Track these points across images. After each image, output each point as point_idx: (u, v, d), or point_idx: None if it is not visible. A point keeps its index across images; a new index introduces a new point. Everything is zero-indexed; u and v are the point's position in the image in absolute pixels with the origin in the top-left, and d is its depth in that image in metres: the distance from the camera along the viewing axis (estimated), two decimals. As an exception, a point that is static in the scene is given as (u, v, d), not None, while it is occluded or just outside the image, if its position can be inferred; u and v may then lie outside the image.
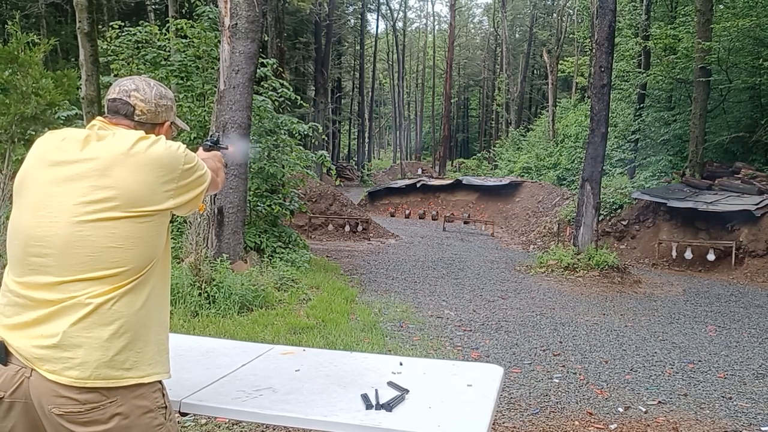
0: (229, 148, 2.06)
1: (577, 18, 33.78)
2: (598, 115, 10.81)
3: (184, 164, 1.62)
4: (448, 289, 8.72)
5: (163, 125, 1.77)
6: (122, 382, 1.49)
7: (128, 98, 1.69)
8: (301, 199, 11.73)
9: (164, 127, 1.78)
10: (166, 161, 1.59)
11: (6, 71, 7.65)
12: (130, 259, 1.53)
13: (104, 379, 1.47)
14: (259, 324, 5.82)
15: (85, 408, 1.46)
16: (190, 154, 1.67)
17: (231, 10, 7.55)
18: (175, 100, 1.86)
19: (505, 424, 3.86)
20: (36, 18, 19.71)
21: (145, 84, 1.74)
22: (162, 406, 1.58)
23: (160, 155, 1.58)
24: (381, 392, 1.95)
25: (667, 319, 7.32)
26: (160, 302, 1.63)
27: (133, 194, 1.52)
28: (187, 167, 1.63)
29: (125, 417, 1.48)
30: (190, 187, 1.65)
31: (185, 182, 1.63)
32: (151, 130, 1.71)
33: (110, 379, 1.47)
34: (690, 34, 16.31)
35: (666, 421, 4.00)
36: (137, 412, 1.51)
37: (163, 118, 1.76)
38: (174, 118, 1.83)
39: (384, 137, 69.72)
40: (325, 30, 30.77)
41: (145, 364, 1.54)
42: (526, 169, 25.28)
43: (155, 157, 1.57)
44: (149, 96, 1.72)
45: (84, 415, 1.46)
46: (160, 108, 1.74)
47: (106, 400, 1.47)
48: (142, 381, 1.52)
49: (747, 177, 13.45)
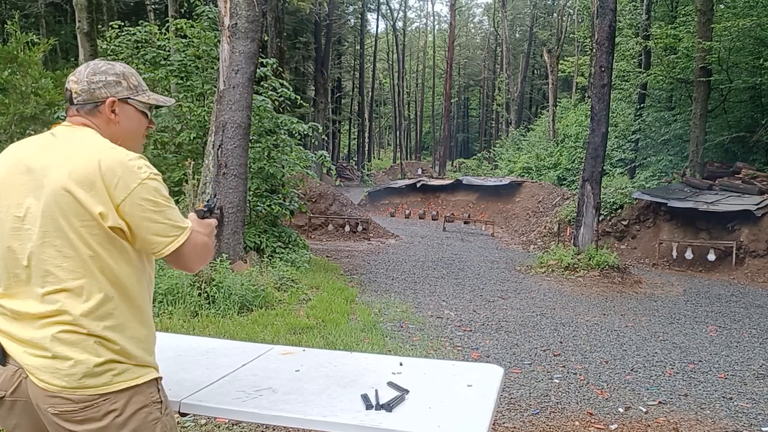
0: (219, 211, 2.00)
1: (578, 18, 33.79)
2: (599, 115, 10.81)
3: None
4: (448, 290, 8.71)
5: (104, 103, 1.62)
6: (113, 387, 1.50)
7: (67, 85, 1.65)
8: (301, 199, 11.73)
9: (107, 105, 1.63)
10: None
11: (6, 71, 7.65)
12: (94, 270, 1.52)
13: (92, 387, 1.48)
14: (259, 324, 5.81)
15: (78, 407, 1.48)
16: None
17: (231, 9, 7.55)
18: (130, 75, 1.68)
19: (505, 424, 3.85)
20: (36, 18, 19.72)
21: (84, 66, 1.66)
22: (157, 400, 1.59)
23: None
24: (381, 392, 1.95)
25: (668, 320, 7.31)
26: (140, 306, 1.59)
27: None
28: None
29: (119, 413, 1.50)
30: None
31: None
32: (96, 111, 1.62)
33: (99, 387, 1.48)
34: (690, 34, 16.31)
35: (666, 422, 4.00)
36: (132, 408, 1.52)
37: (102, 95, 1.62)
38: (125, 94, 1.66)
39: (384, 137, 69.74)
40: (325, 30, 30.78)
41: (135, 366, 1.54)
42: (526, 169, 25.27)
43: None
44: (81, 76, 1.63)
45: (78, 413, 1.48)
46: (94, 85, 1.62)
47: (100, 398, 1.48)
48: (135, 383, 1.53)
49: (747, 177, 13.45)
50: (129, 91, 1.66)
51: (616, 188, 15.45)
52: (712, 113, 16.72)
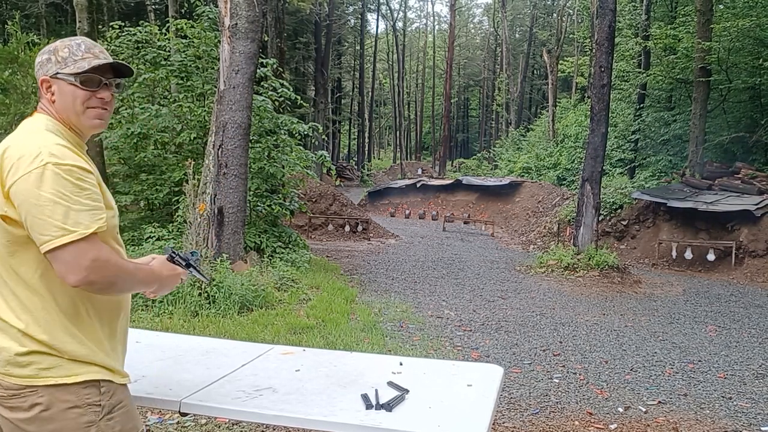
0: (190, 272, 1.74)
1: (577, 18, 33.79)
2: (598, 115, 10.81)
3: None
4: (448, 289, 8.72)
5: (42, 84, 1.58)
6: (38, 381, 1.46)
7: None
8: (301, 199, 11.74)
9: (40, 84, 1.58)
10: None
11: (6, 71, 7.66)
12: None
13: (17, 377, 1.47)
14: (259, 324, 5.82)
15: (7, 394, 1.48)
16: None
17: (231, 10, 7.55)
18: (60, 49, 1.57)
19: (505, 424, 3.86)
20: (36, 18, 19.72)
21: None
22: (94, 403, 1.50)
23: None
24: (381, 392, 1.95)
25: (667, 319, 7.32)
26: (70, 302, 1.51)
27: None
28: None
29: (46, 408, 1.46)
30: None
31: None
32: (42, 94, 1.59)
33: (24, 378, 1.46)
34: (690, 34, 16.32)
35: (666, 421, 4.00)
36: (60, 406, 1.47)
37: (39, 76, 1.58)
38: (54, 70, 1.55)
39: (384, 137, 69.72)
40: (325, 30, 30.77)
41: (69, 363, 1.48)
42: (526, 169, 25.27)
43: None
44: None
45: (7, 400, 1.48)
46: (37, 67, 1.59)
47: (26, 389, 1.47)
48: (64, 381, 1.47)
49: (747, 177, 13.45)
50: (57, 65, 1.55)
51: (616, 188, 15.46)
52: (712, 113, 16.73)
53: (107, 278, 1.46)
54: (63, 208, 1.40)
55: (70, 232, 1.40)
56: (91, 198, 1.45)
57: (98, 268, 1.43)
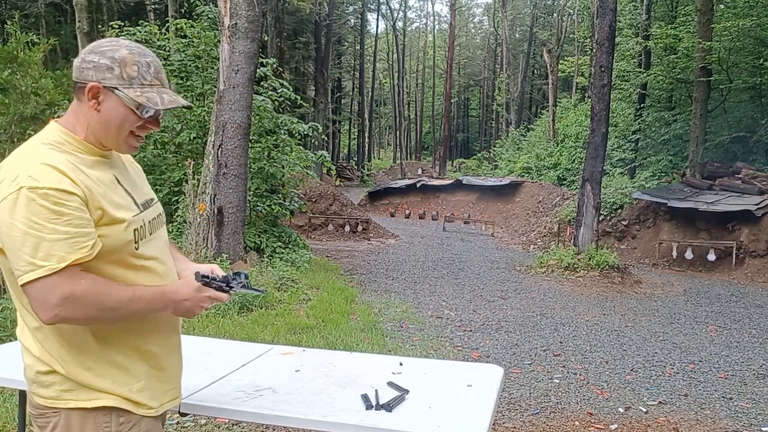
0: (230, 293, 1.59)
1: (578, 18, 33.78)
2: (599, 115, 10.81)
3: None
4: (448, 290, 8.71)
5: (86, 87, 1.40)
6: (60, 403, 1.43)
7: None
8: (301, 199, 11.73)
9: (89, 89, 1.40)
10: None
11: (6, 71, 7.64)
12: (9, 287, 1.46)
13: (42, 397, 1.44)
14: (259, 324, 5.81)
15: (36, 412, 1.47)
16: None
17: (231, 9, 7.55)
18: (129, 63, 1.42)
19: (505, 424, 3.85)
20: (36, 18, 19.72)
21: (96, 42, 1.47)
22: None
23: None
24: (381, 392, 1.95)
25: (668, 320, 7.31)
26: (81, 332, 1.42)
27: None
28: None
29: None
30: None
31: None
32: (80, 92, 1.42)
33: (48, 399, 1.44)
34: (690, 34, 16.33)
35: (666, 422, 4.00)
36: (77, 431, 1.43)
37: (87, 77, 1.40)
38: (113, 83, 1.41)
39: (384, 137, 69.74)
40: (325, 30, 30.77)
41: (81, 388, 1.43)
42: (526, 169, 25.29)
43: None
44: (83, 52, 1.44)
45: (36, 419, 1.48)
46: (85, 64, 1.41)
47: (49, 411, 1.44)
48: (84, 406, 1.42)
49: (747, 177, 13.45)
50: (119, 80, 1.41)
51: (616, 188, 15.46)
52: (712, 113, 16.73)
53: (84, 314, 1.34)
54: (34, 240, 1.28)
55: (38, 267, 1.28)
56: (71, 224, 1.30)
57: (71, 305, 1.30)
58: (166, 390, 1.58)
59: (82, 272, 1.34)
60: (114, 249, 1.40)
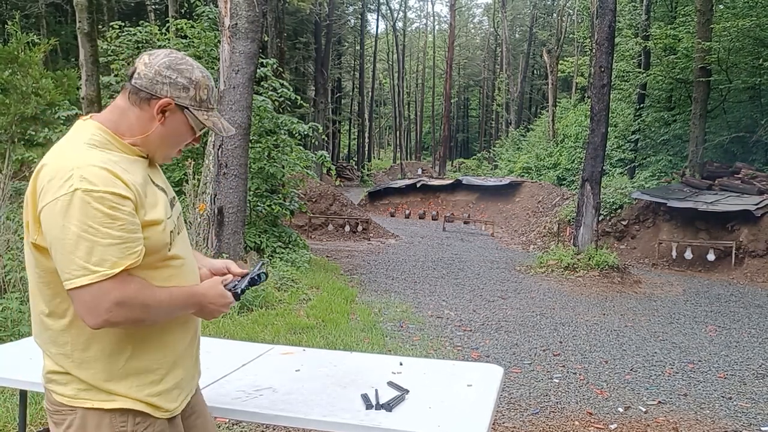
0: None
1: (577, 18, 33.78)
2: (598, 115, 10.82)
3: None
4: (448, 289, 8.72)
5: (157, 101, 1.44)
6: (77, 402, 1.43)
7: (138, 60, 1.50)
8: (301, 199, 11.73)
9: (158, 104, 1.44)
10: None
11: (6, 71, 7.65)
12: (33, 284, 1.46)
13: (59, 395, 1.45)
14: (259, 324, 5.82)
15: (53, 408, 1.47)
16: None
17: (231, 10, 7.55)
18: (202, 87, 1.49)
19: (505, 424, 3.86)
20: (36, 18, 19.72)
21: (165, 52, 1.50)
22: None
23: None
24: (381, 392, 1.95)
25: (667, 319, 7.32)
26: (110, 340, 1.42)
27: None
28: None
29: (79, 430, 1.43)
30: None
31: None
32: (145, 102, 1.44)
33: (65, 397, 1.44)
34: (690, 34, 16.32)
35: (666, 421, 4.00)
36: (92, 430, 1.43)
37: (161, 91, 1.44)
38: (186, 103, 1.47)
39: (384, 137, 69.73)
40: (325, 30, 30.77)
41: (95, 389, 1.42)
42: (526, 169, 25.28)
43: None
44: (156, 61, 1.45)
45: (53, 415, 1.47)
46: (160, 78, 1.44)
47: (65, 408, 1.44)
48: (100, 406, 1.42)
49: (747, 177, 13.45)
50: (191, 102, 1.47)
51: (616, 188, 15.46)
52: (712, 113, 16.73)
53: (132, 318, 1.35)
54: (87, 244, 1.27)
55: (91, 273, 1.28)
56: (124, 229, 1.31)
57: (121, 310, 1.31)
58: (185, 390, 1.60)
59: (130, 276, 1.34)
60: (152, 251, 1.41)
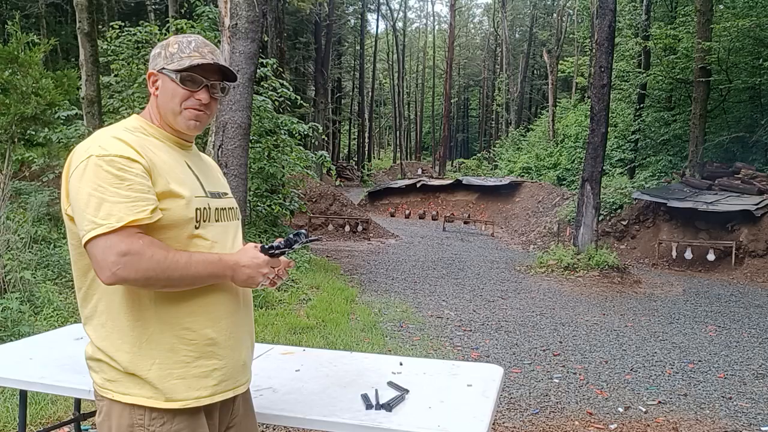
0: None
1: (577, 18, 33.77)
2: (598, 115, 10.82)
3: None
4: (448, 289, 8.72)
5: (149, 78, 1.57)
6: (104, 392, 1.47)
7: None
8: (301, 199, 11.74)
9: (148, 78, 1.57)
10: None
11: (6, 71, 7.65)
12: (74, 262, 1.52)
13: (94, 381, 1.51)
14: (259, 324, 5.82)
15: (95, 390, 1.52)
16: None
17: (231, 10, 7.55)
18: (171, 44, 1.55)
19: (505, 424, 3.86)
20: (36, 18, 19.71)
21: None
22: (143, 426, 1.44)
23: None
24: (381, 392, 1.95)
25: (667, 319, 7.32)
26: (130, 311, 1.43)
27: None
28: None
29: (105, 419, 1.48)
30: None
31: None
32: (150, 88, 1.58)
33: (98, 385, 1.49)
34: (690, 34, 16.33)
35: (666, 421, 4.00)
36: (115, 421, 1.46)
37: (149, 69, 1.57)
38: (161, 65, 1.53)
39: (384, 137, 69.71)
40: (325, 30, 30.76)
41: (127, 379, 1.44)
42: (526, 169, 25.28)
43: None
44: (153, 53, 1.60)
45: (96, 396, 1.53)
46: (150, 60, 1.58)
47: (98, 395, 1.51)
48: (119, 399, 1.44)
49: (747, 177, 13.45)
50: (164, 60, 1.52)
51: (616, 188, 15.46)
52: (712, 113, 16.73)
53: (141, 274, 1.34)
54: (96, 201, 1.34)
55: (98, 226, 1.33)
56: (132, 189, 1.36)
57: (128, 263, 1.32)
58: (222, 381, 1.52)
59: (139, 233, 1.37)
60: (174, 223, 1.44)
